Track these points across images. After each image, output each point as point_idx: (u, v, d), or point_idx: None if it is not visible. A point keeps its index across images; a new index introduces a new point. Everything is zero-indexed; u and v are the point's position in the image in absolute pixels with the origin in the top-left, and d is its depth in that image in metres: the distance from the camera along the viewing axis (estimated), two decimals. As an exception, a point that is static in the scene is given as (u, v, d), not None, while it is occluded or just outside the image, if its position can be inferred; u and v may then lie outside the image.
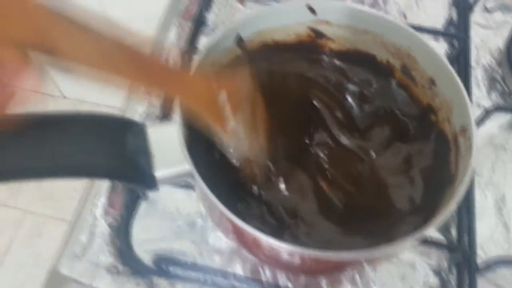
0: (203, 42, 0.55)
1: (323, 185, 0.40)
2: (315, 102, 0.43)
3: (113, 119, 0.34)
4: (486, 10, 0.60)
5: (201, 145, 0.38)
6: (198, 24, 0.56)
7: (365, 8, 0.42)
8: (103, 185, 0.44)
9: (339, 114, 0.43)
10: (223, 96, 0.34)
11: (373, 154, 0.41)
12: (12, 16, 0.21)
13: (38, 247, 1.16)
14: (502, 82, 0.54)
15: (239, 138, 0.36)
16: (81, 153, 0.32)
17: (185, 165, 0.33)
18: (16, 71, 0.22)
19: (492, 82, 0.54)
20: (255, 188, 0.39)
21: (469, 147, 0.34)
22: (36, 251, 1.16)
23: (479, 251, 0.43)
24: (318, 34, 0.44)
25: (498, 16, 0.59)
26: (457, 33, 0.57)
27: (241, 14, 0.57)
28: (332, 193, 0.40)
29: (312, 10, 0.42)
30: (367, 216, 0.39)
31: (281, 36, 0.44)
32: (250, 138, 0.37)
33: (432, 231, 0.34)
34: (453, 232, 0.44)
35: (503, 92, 0.53)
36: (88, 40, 0.25)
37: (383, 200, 0.39)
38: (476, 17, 0.59)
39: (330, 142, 0.42)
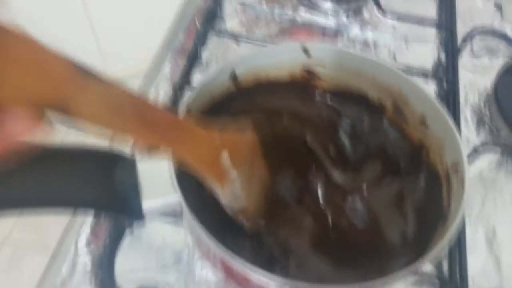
0: (197, 77, 0.56)
1: (315, 217, 0.39)
2: (308, 139, 0.43)
3: (102, 150, 0.34)
4: (473, 53, 0.62)
5: (191, 178, 0.38)
6: (193, 60, 0.57)
7: (357, 52, 0.43)
8: (87, 214, 0.43)
9: (331, 150, 0.43)
10: (225, 154, 0.34)
11: (365, 189, 0.41)
12: (32, 73, 0.20)
13: (18, 276, 1.12)
14: (489, 121, 0.55)
15: (235, 194, 0.35)
16: (68, 185, 0.31)
17: (174, 196, 0.32)
18: (29, 128, 0.21)
19: (480, 121, 0.55)
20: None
21: (461, 184, 0.35)
22: (15, 279, 1.12)
23: (471, 285, 0.42)
24: (311, 74, 0.45)
25: (485, 59, 0.62)
26: (446, 74, 0.59)
27: (236, 54, 0.59)
28: (324, 226, 0.39)
29: (306, 52, 0.43)
30: (359, 250, 0.38)
31: (275, 75, 0.44)
32: (246, 195, 0.36)
33: (424, 264, 0.34)
34: (445, 266, 0.43)
35: (491, 131, 0.54)
36: (100, 97, 0.23)
37: (375, 234, 0.38)
38: (464, 60, 0.61)
39: (322, 177, 0.42)
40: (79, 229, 0.43)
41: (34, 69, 0.20)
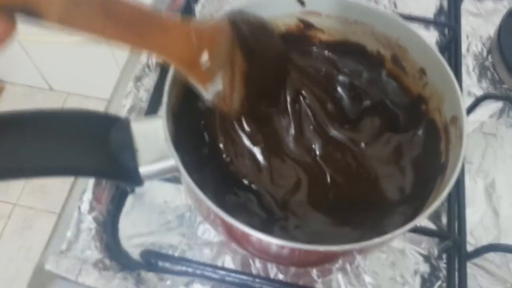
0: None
1: (313, 176, 0.40)
2: (304, 93, 0.43)
3: (96, 115, 0.34)
4: (477, -4, 0.60)
5: (189, 139, 0.38)
6: (186, 15, 0.55)
7: (355, 0, 0.41)
8: (89, 179, 0.44)
9: (329, 105, 0.43)
10: (205, 54, 0.33)
11: (363, 145, 0.41)
12: None
13: (28, 240, 1.16)
14: (492, 70, 0.54)
15: (217, 90, 0.35)
16: (64, 152, 0.31)
17: (171, 160, 0.32)
18: (5, 33, 0.21)
19: (482, 70, 0.54)
20: (244, 180, 0.39)
21: (460, 137, 0.34)
22: (26, 244, 1.16)
23: (469, 238, 0.43)
24: (308, 25, 0.43)
25: (489, 4, 0.59)
26: (448, 21, 0.57)
27: (229, 6, 0.56)
28: (322, 184, 0.39)
29: (301, 1, 0.41)
30: (357, 206, 0.38)
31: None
32: (228, 90, 0.36)
33: (422, 219, 0.34)
34: (443, 219, 0.44)
35: (493, 80, 0.53)
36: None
37: (374, 191, 0.39)
38: (467, 5, 0.59)
39: (320, 132, 0.42)
40: (81, 195, 0.43)
41: None
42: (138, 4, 0.27)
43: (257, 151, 0.40)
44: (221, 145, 0.39)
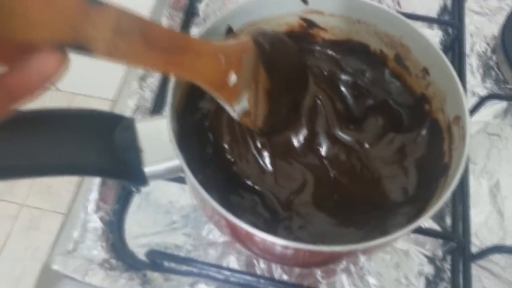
0: (194, 32, 0.54)
1: (319, 177, 0.40)
2: (320, 97, 0.43)
3: (101, 115, 0.34)
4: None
5: (193, 140, 0.38)
6: (189, 14, 0.56)
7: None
8: (95, 180, 0.44)
9: (332, 105, 0.43)
10: (232, 75, 0.33)
11: (367, 145, 0.41)
12: (47, 11, 0.20)
13: (35, 241, 1.17)
14: (496, 69, 0.53)
15: (243, 108, 0.35)
16: (68, 151, 0.31)
17: (175, 160, 0.32)
18: (57, 68, 0.22)
19: (486, 70, 0.54)
20: (248, 181, 0.39)
21: (463, 137, 0.34)
22: (33, 244, 1.16)
23: (474, 239, 0.43)
24: (310, 24, 0.43)
25: (493, 2, 0.59)
26: (452, 20, 0.57)
27: (232, 5, 0.57)
28: (327, 185, 0.40)
29: (304, 0, 0.41)
30: (361, 207, 0.38)
31: (272, 27, 0.43)
32: (254, 106, 0.36)
33: (426, 220, 0.34)
34: (448, 220, 0.44)
35: (497, 79, 0.53)
36: (110, 26, 0.23)
37: (377, 191, 0.39)
38: (471, 3, 0.58)
39: (323, 132, 0.42)
40: (87, 195, 0.43)
41: (43, 4, 0.20)
42: (171, 29, 0.28)
43: (264, 155, 0.40)
44: (225, 145, 0.39)
